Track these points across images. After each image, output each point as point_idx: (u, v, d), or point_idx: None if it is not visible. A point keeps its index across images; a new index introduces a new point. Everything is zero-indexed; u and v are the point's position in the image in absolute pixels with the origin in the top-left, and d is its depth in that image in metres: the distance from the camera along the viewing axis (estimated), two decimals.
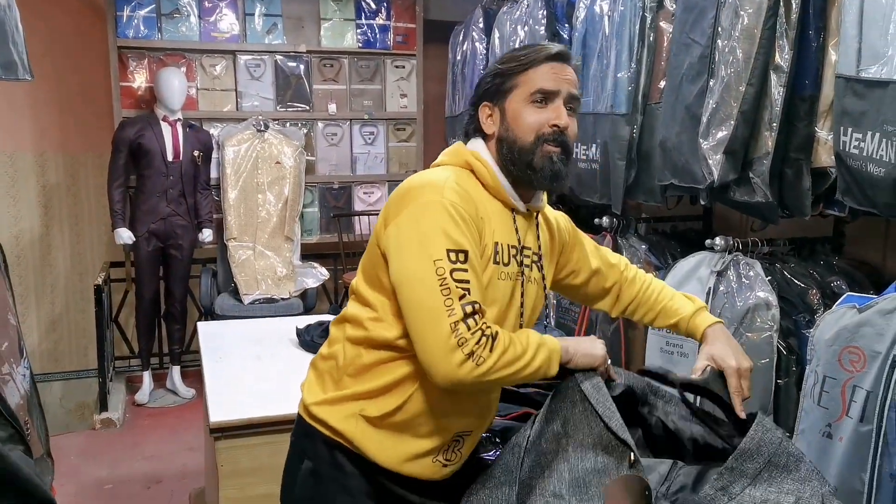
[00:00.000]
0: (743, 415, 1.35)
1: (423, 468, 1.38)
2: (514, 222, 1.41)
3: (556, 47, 1.41)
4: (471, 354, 1.19)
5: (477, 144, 1.44)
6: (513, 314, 1.40)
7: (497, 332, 1.23)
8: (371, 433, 1.34)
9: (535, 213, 1.48)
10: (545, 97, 1.38)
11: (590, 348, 1.37)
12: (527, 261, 1.43)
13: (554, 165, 1.37)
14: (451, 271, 1.22)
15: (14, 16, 1.86)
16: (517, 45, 3.26)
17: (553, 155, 1.37)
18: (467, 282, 1.23)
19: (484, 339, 1.21)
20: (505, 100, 1.40)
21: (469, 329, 1.20)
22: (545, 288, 1.50)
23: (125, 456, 3.54)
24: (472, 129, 1.46)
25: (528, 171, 1.38)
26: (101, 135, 4.29)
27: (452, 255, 1.23)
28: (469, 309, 1.21)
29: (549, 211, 1.58)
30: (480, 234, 1.32)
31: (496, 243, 1.35)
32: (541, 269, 1.48)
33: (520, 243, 1.41)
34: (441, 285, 1.21)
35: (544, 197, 1.50)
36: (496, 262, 1.34)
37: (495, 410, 1.52)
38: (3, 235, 4.15)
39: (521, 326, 1.42)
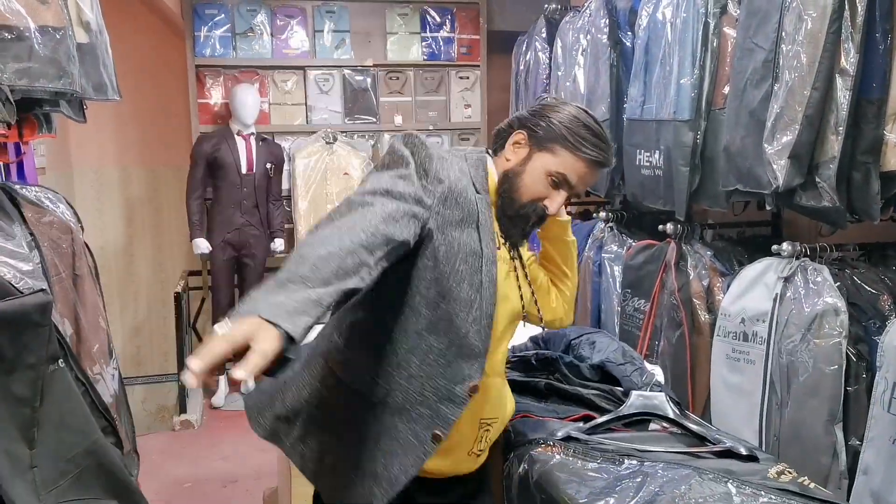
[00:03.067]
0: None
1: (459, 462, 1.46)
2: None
3: (607, 156, 1.47)
4: None
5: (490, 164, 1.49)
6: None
7: None
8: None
9: None
10: (562, 184, 1.43)
11: None
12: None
13: (525, 232, 1.47)
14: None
15: (104, 40, 2.00)
16: (579, 53, 3.28)
17: (530, 224, 1.46)
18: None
19: None
20: (538, 150, 1.44)
21: None
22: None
23: (203, 456, 3.69)
24: (498, 141, 1.51)
25: (504, 218, 1.44)
26: (179, 149, 4.50)
27: None
28: None
29: None
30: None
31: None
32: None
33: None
34: None
35: None
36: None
37: (511, 401, 1.58)
38: (90, 246, 4.39)
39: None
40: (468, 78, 4.87)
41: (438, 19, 4.77)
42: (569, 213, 3.79)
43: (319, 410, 1.42)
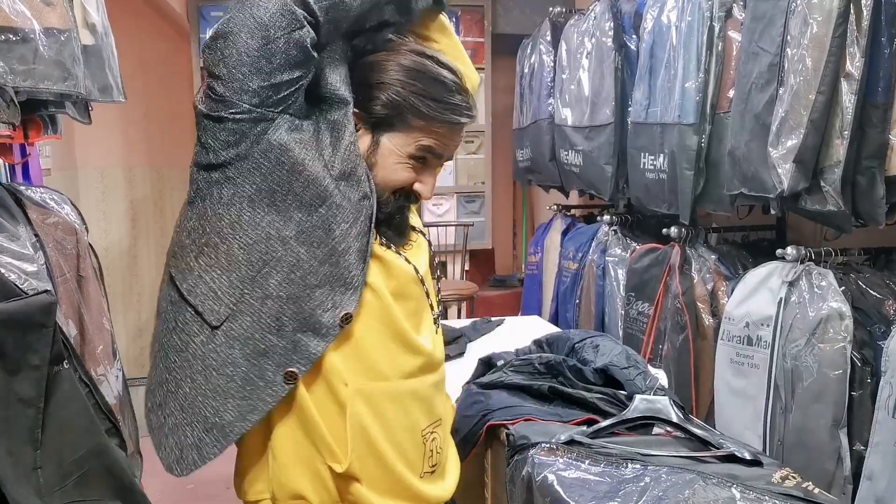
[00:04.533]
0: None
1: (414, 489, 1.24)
2: None
3: (469, 106, 1.20)
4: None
5: None
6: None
7: None
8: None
9: None
10: (426, 158, 1.20)
11: None
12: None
13: (403, 228, 1.26)
14: None
15: (110, 42, 2.01)
16: (584, 56, 3.28)
17: (403, 209, 1.25)
18: None
19: None
20: (384, 131, 1.19)
21: None
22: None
23: None
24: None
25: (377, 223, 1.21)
26: (184, 151, 4.50)
27: None
28: None
29: None
30: None
31: None
32: None
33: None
34: None
35: None
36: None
37: (448, 404, 1.42)
38: (94, 247, 4.40)
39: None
40: None
41: None
42: (571, 216, 3.81)
43: (164, 355, 1.20)
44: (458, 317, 4.50)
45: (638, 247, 3.04)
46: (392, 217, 1.23)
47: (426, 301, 1.30)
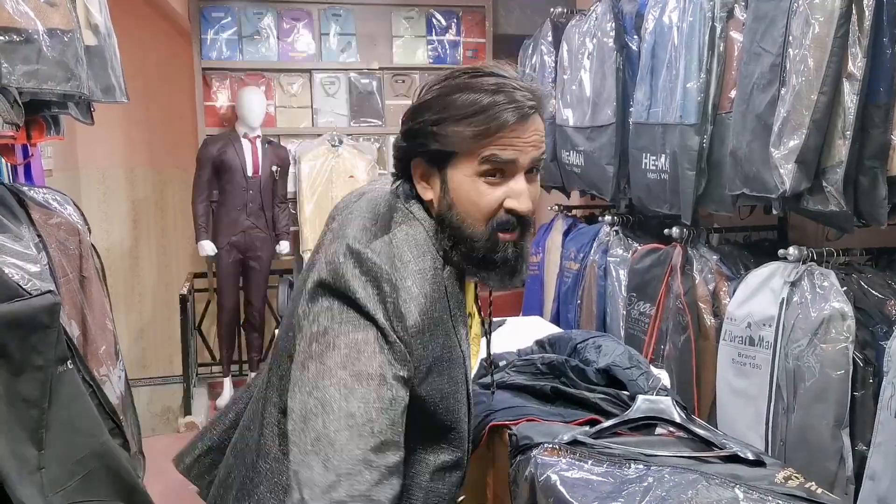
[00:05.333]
0: None
1: None
2: None
3: (521, 101, 1.04)
4: None
5: (417, 213, 1.12)
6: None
7: None
8: None
9: None
10: (501, 170, 1.06)
11: None
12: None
13: (509, 259, 1.09)
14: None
15: (113, 43, 2.01)
16: (585, 57, 3.28)
17: (509, 245, 1.08)
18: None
19: None
20: (447, 166, 1.07)
21: None
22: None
23: None
24: (407, 187, 1.14)
25: (482, 272, 1.10)
26: (186, 152, 4.52)
27: None
28: None
29: None
30: None
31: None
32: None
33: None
34: None
35: None
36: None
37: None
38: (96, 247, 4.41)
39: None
40: None
41: (444, 22, 4.78)
42: (573, 216, 3.81)
43: None
44: None
45: (639, 247, 3.03)
46: (489, 254, 1.08)
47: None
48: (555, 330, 2.39)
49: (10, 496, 1.01)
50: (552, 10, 3.83)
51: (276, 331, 3.13)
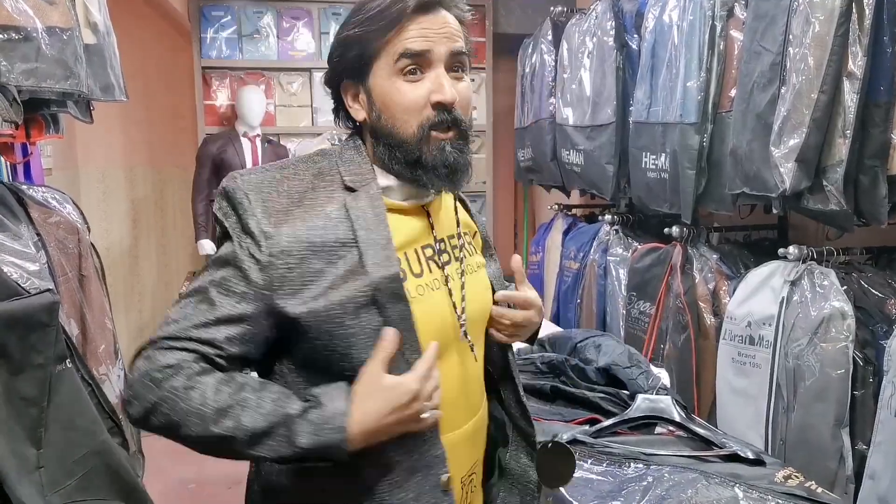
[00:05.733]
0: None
1: None
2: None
3: None
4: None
5: (346, 143, 1.14)
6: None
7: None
8: None
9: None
10: (417, 63, 1.05)
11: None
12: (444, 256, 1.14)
13: (447, 157, 1.05)
14: None
15: (112, 42, 2.01)
16: (585, 56, 3.28)
17: (445, 143, 1.06)
18: None
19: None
20: (368, 75, 1.07)
21: None
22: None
23: (207, 457, 3.67)
24: (343, 117, 1.15)
25: (419, 172, 1.06)
26: (185, 151, 4.52)
27: None
28: None
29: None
30: None
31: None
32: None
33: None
34: None
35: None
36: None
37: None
38: (96, 246, 4.41)
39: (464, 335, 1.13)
40: (473, 80, 4.86)
41: None
42: (573, 216, 3.81)
43: None
44: None
45: (639, 246, 3.03)
46: (422, 152, 1.06)
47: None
48: (555, 329, 2.39)
49: (9, 495, 1.01)
50: (552, 8, 3.83)
51: None
